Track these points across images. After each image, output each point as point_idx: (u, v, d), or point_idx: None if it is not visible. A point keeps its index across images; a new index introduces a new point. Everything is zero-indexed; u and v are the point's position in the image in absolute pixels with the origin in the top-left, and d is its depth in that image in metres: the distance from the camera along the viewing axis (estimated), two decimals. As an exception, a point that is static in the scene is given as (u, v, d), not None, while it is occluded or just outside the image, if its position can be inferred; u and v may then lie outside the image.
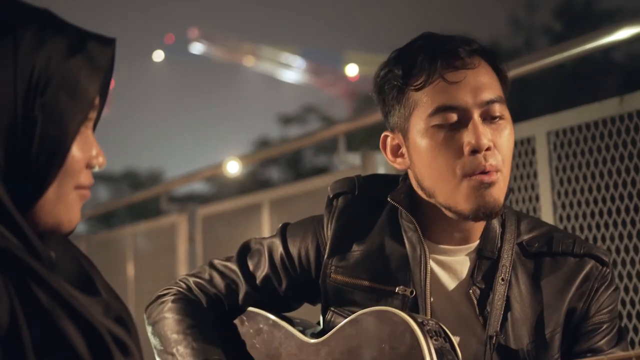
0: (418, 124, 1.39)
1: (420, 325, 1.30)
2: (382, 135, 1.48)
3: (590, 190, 2.24)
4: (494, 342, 1.37)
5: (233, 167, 3.78)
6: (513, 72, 2.46)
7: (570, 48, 2.29)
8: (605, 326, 1.40)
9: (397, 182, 1.51)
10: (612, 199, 2.18)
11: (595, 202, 2.23)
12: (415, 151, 1.41)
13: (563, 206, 2.31)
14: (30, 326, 0.83)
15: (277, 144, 7.13)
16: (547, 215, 2.31)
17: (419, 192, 1.44)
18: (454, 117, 1.37)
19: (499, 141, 1.38)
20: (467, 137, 1.36)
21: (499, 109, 1.38)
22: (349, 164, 3.04)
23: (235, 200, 4.17)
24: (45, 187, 0.93)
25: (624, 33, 2.11)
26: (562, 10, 20.88)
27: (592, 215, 2.23)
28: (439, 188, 1.39)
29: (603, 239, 2.17)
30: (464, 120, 1.37)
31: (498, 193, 1.37)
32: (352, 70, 45.72)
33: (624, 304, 2.09)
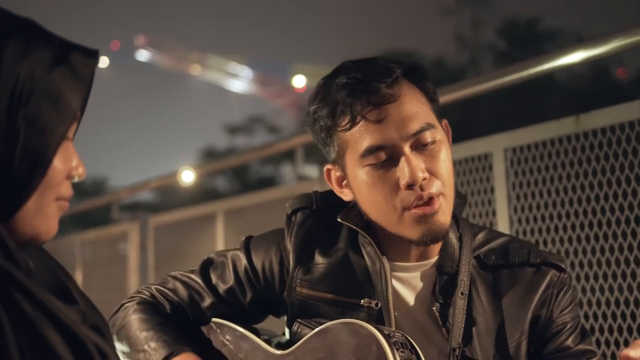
0: (352, 163, 1.41)
1: (387, 337, 1.31)
2: (325, 168, 1.50)
3: (546, 206, 2.30)
4: (457, 354, 1.39)
5: (188, 177, 3.76)
6: (464, 92, 2.54)
7: (523, 69, 2.35)
8: (568, 325, 1.44)
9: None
10: (567, 215, 2.24)
11: (551, 217, 2.28)
12: (355, 188, 1.43)
13: (519, 221, 2.36)
14: (16, 335, 0.82)
15: (240, 153, 7.09)
16: (503, 230, 2.36)
17: (367, 217, 1.46)
18: (383, 155, 1.37)
19: (434, 166, 1.38)
20: (402, 173, 1.37)
21: (429, 135, 1.38)
22: (307, 175, 3.06)
23: (189, 210, 4.15)
24: (26, 198, 0.93)
25: (576, 56, 2.18)
26: (506, 29, 21.33)
27: (548, 230, 2.29)
28: (384, 221, 1.41)
29: (558, 253, 2.22)
30: (395, 155, 1.37)
31: (443, 218, 1.39)
32: (299, 81, 45.84)
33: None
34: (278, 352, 1.44)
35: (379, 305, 1.43)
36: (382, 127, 1.37)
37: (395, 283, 1.45)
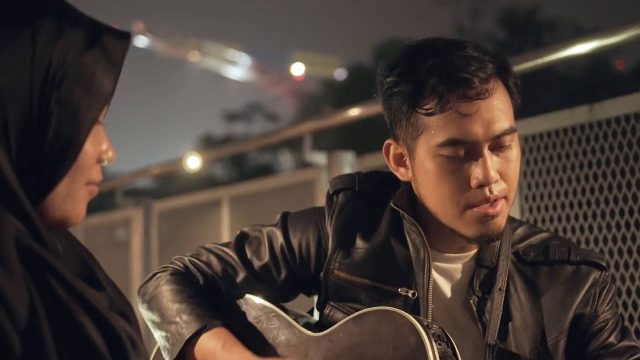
0: (425, 149, 1.37)
1: (426, 328, 1.30)
2: (386, 142, 1.45)
3: (557, 195, 2.29)
4: (494, 350, 1.38)
5: (194, 163, 3.74)
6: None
7: (525, 61, 2.33)
8: (610, 322, 1.43)
9: (396, 181, 1.49)
10: (580, 204, 2.23)
11: (563, 206, 2.28)
12: (420, 172, 1.39)
13: (530, 210, 2.35)
14: (49, 320, 0.81)
15: (241, 140, 7.08)
16: (514, 218, 2.35)
17: (421, 201, 1.44)
18: (463, 150, 1.34)
19: (505, 169, 1.36)
20: (475, 172, 1.34)
21: (509, 138, 1.36)
22: (315, 162, 3.05)
23: (193, 196, 4.14)
24: (57, 181, 0.92)
25: (582, 47, 2.17)
26: (505, 19, 21.27)
27: (560, 219, 2.28)
28: (442, 212, 1.39)
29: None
30: (473, 152, 1.35)
31: (501, 221, 1.37)
32: (297, 69, 45.73)
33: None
34: (311, 333, 1.43)
35: (416, 295, 1.41)
36: (470, 121, 1.33)
37: (435, 273, 1.43)
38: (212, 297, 1.49)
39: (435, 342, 1.28)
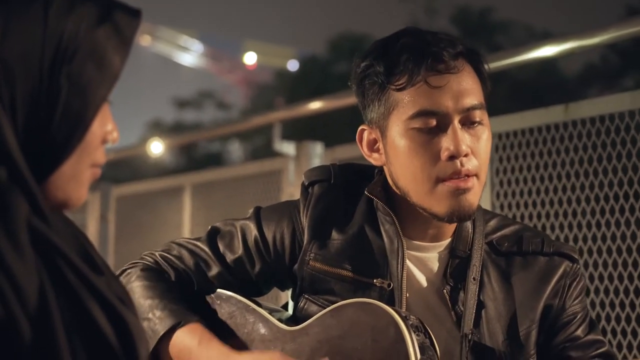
0: (397, 124, 1.39)
1: (404, 319, 1.30)
2: (359, 128, 1.47)
3: (529, 193, 2.31)
4: (469, 339, 1.39)
5: (157, 148, 3.68)
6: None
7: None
8: (579, 316, 1.45)
9: (371, 173, 1.52)
10: (551, 203, 2.26)
11: (534, 204, 2.30)
12: (392, 150, 1.41)
13: (501, 207, 2.37)
14: (59, 305, 0.78)
15: (210, 127, 7.00)
16: (485, 215, 2.36)
17: (394, 188, 1.45)
18: (433, 121, 1.36)
19: (476, 147, 1.38)
20: (446, 143, 1.36)
21: (479, 114, 1.38)
22: (284, 152, 3.02)
23: (154, 182, 4.07)
24: (62, 160, 0.88)
25: (547, 50, 2.22)
26: (459, 18, 21.49)
27: (530, 217, 2.30)
28: (414, 189, 1.39)
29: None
30: (444, 125, 1.37)
31: (473, 198, 1.38)
32: (250, 58, 45.48)
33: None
34: (288, 327, 1.41)
35: (392, 285, 1.41)
36: (440, 93, 1.36)
37: (409, 263, 1.44)
38: (184, 292, 1.46)
39: (414, 333, 1.28)
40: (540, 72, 19.10)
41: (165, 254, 1.50)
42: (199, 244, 1.51)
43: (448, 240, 1.46)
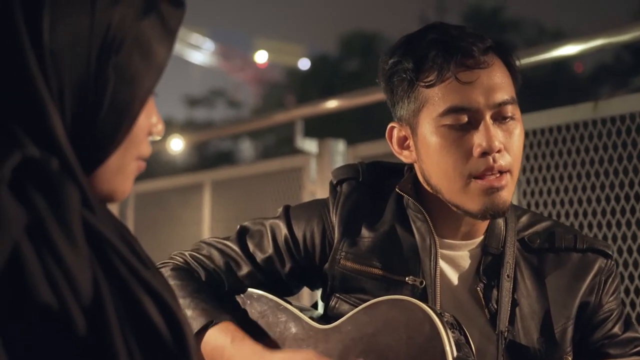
0: (427, 122, 1.37)
1: (440, 316, 1.28)
2: (389, 125, 1.45)
3: (557, 191, 2.28)
4: (505, 337, 1.37)
5: (177, 145, 3.67)
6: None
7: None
8: (615, 312, 1.44)
9: (399, 170, 1.50)
10: (580, 202, 2.23)
11: (562, 203, 2.27)
12: (423, 147, 1.39)
13: (529, 205, 2.34)
14: (112, 298, 0.77)
15: (224, 125, 6.98)
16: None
17: (425, 186, 1.43)
18: (465, 118, 1.34)
19: (509, 142, 1.36)
20: (478, 139, 1.34)
21: (510, 109, 1.37)
22: (306, 150, 3.01)
23: (173, 179, 4.06)
24: (109, 152, 0.86)
25: (569, 49, 2.20)
26: (470, 15, 21.46)
27: (558, 216, 2.27)
28: (446, 186, 1.38)
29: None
30: (475, 121, 1.35)
31: (507, 195, 1.36)
32: (261, 56, 45.50)
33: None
34: (319, 326, 1.40)
35: (424, 283, 1.40)
36: (470, 89, 1.34)
37: (441, 261, 1.42)
38: (215, 291, 1.46)
39: (450, 330, 1.27)
40: (551, 70, 19.03)
41: (195, 254, 1.49)
42: (228, 243, 1.50)
43: (480, 239, 1.44)
